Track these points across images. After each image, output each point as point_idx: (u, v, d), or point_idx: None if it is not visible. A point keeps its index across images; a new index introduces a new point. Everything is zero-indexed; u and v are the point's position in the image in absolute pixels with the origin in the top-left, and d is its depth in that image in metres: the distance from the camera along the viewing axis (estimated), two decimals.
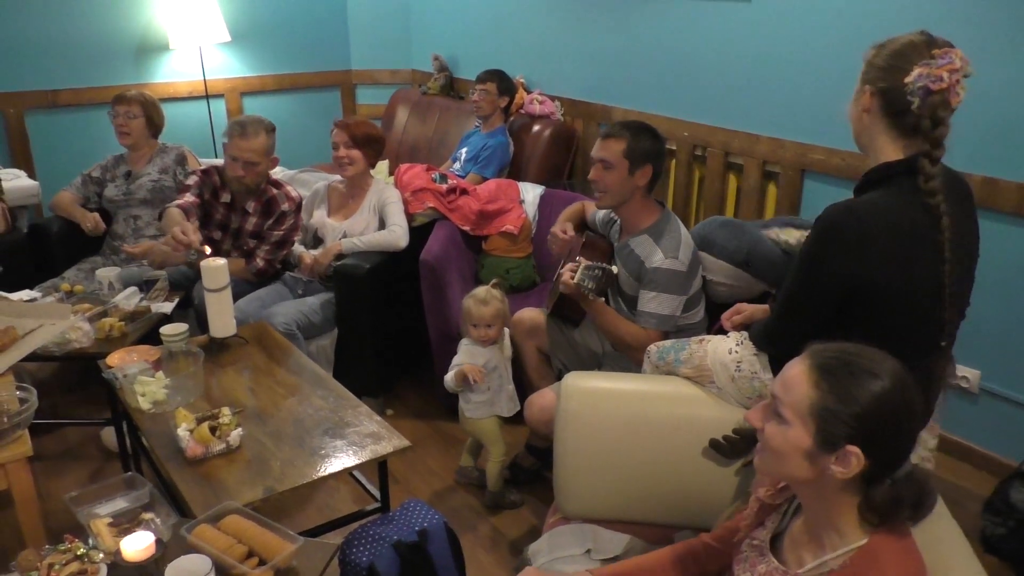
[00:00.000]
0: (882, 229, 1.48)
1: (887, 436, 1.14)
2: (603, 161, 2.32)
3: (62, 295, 2.80)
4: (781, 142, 3.05)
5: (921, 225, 1.49)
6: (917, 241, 1.49)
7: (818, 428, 1.14)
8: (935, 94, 1.44)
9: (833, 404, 1.14)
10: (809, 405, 1.15)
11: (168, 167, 3.45)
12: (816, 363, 1.17)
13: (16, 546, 2.38)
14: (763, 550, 1.31)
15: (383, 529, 1.81)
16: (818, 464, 1.16)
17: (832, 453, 1.14)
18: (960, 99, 1.45)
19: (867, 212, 1.50)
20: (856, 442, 1.12)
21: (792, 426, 1.17)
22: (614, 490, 1.86)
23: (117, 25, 4.45)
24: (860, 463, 1.12)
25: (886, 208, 1.51)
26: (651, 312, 2.31)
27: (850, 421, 1.12)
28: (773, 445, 1.20)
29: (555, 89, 4.10)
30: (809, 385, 1.16)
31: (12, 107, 4.25)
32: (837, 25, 2.77)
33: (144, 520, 1.59)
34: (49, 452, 2.92)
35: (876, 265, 1.49)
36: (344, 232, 3.17)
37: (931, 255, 1.49)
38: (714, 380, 1.85)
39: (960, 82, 1.45)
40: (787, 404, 1.18)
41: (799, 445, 1.16)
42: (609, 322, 2.36)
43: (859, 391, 1.13)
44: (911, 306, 1.52)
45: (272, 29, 4.94)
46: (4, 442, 1.82)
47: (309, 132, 5.07)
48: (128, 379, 2.08)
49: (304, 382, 2.22)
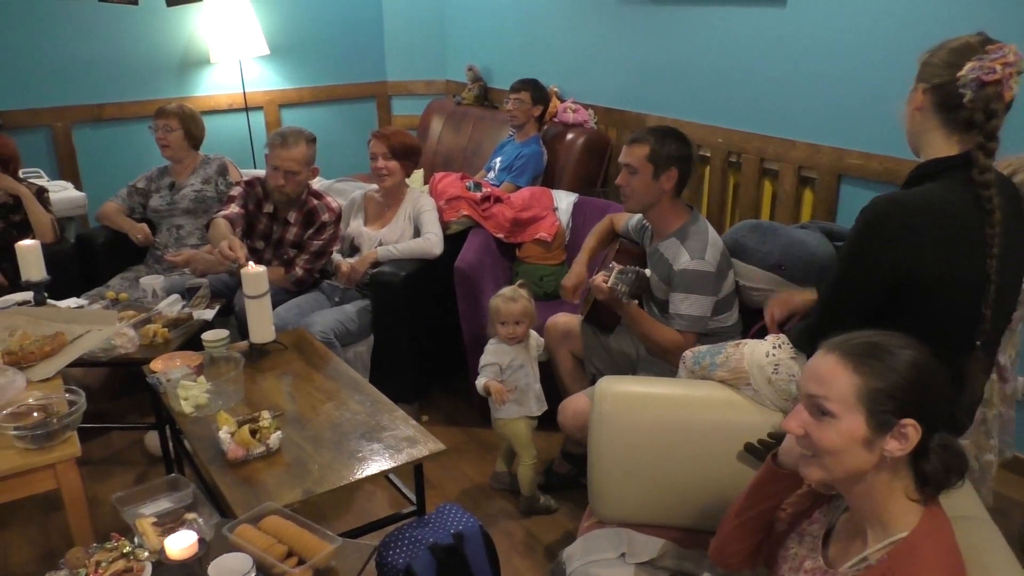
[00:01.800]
0: (928, 219, 1.47)
1: (933, 399, 1.16)
2: (628, 166, 2.36)
3: (108, 303, 2.87)
4: (817, 147, 3.03)
5: (970, 216, 1.47)
6: (965, 232, 1.47)
7: (870, 412, 1.15)
8: (988, 86, 1.43)
9: (879, 383, 1.15)
10: (855, 391, 1.16)
11: (210, 177, 3.53)
12: (846, 351, 1.18)
13: (64, 546, 2.44)
14: (816, 546, 1.31)
15: (419, 532, 1.84)
16: (876, 449, 1.16)
17: (887, 432, 1.15)
18: (1014, 93, 1.44)
19: (913, 203, 1.49)
20: (908, 413, 1.14)
21: (842, 418, 1.16)
22: (649, 494, 1.85)
23: (160, 41, 4.57)
24: (918, 432, 1.14)
25: (935, 199, 1.49)
26: (681, 314, 2.32)
27: (898, 394, 1.14)
28: (826, 445, 1.18)
29: (589, 98, 4.11)
30: (850, 372, 1.17)
31: (60, 121, 4.38)
32: (874, 30, 2.75)
33: (187, 520, 1.63)
34: (95, 456, 2.99)
35: (921, 255, 1.47)
36: (380, 240, 3.21)
37: (978, 248, 1.47)
38: (750, 383, 1.84)
39: (1014, 76, 1.43)
40: (832, 398, 1.17)
41: (855, 435, 1.16)
42: (643, 326, 2.37)
43: (897, 363, 1.15)
44: (952, 298, 1.50)
45: (309, 42, 5.03)
46: (54, 443, 1.88)
47: (345, 143, 5.14)
48: (171, 384, 2.13)
49: (342, 387, 2.25)
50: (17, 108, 4.24)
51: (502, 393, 2.52)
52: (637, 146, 2.34)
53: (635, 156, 2.34)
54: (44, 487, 1.90)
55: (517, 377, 2.56)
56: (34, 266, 2.68)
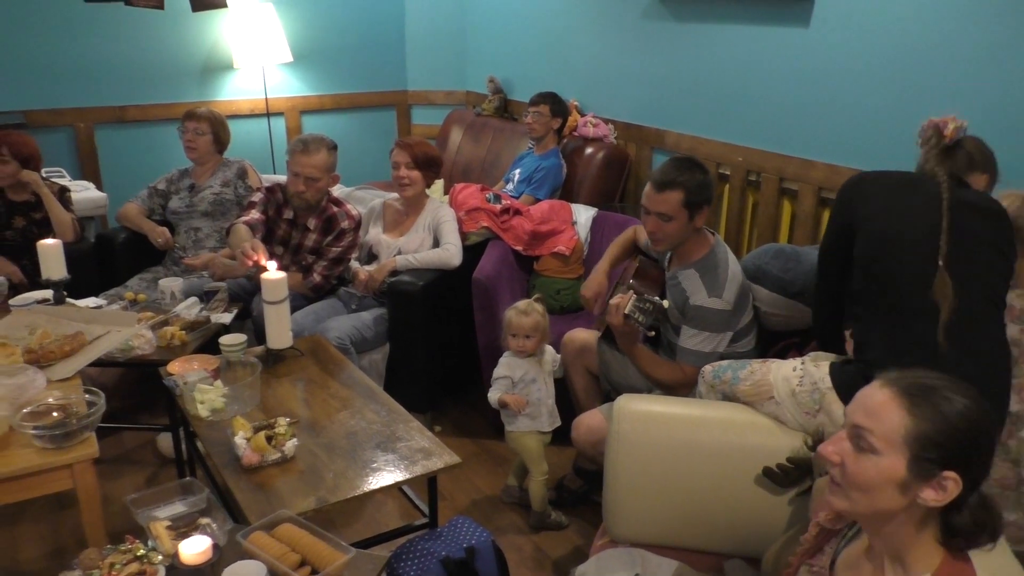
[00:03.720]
0: (881, 183, 1.84)
1: (980, 455, 1.12)
2: (661, 215, 2.25)
3: (126, 303, 2.89)
4: (837, 168, 3.01)
5: (924, 183, 1.77)
6: (916, 192, 1.78)
7: (914, 456, 1.11)
8: (928, 128, 1.84)
9: (930, 430, 1.10)
10: (905, 433, 1.12)
11: (229, 180, 3.55)
12: (902, 388, 1.14)
13: (74, 545, 2.46)
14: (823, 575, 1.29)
15: (431, 544, 1.83)
16: (910, 494, 1.12)
17: (926, 480, 1.11)
18: (950, 132, 1.80)
19: (870, 174, 1.90)
20: (952, 466, 1.09)
21: (884, 456, 1.12)
22: (664, 515, 1.84)
23: (185, 45, 4.61)
24: (958, 487, 1.10)
25: (890, 173, 1.88)
26: (690, 349, 2.30)
27: (947, 444, 1.09)
28: (861, 480, 1.14)
29: (609, 112, 4.12)
30: (903, 412, 1.12)
31: (83, 122, 4.41)
32: (896, 51, 2.74)
33: (201, 524, 1.63)
34: (106, 455, 2.98)
35: (871, 212, 1.80)
36: (399, 249, 3.22)
37: (929, 208, 1.72)
38: (773, 395, 1.84)
39: (949, 124, 1.81)
40: (878, 434, 1.13)
41: (892, 476, 1.12)
42: (645, 365, 2.34)
43: (951, 411, 1.10)
44: (903, 251, 1.75)
45: (332, 50, 5.06)
46: (72, 443, 1.88)
47: (365, 150, 5.17)
48: (188, 387, 2.13)
49: (357, 395, 2.25)
50: (41, 108, 4.27)
51: (520, 403, 2.51)
52: (670, 192, 2.22)
53: (670, 204, 2.23)
54: (60, 487, 1.91)
55: (529, 391, 2.56)
56: (55, 265, 2.70)
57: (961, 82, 2.52)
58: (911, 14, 2.66)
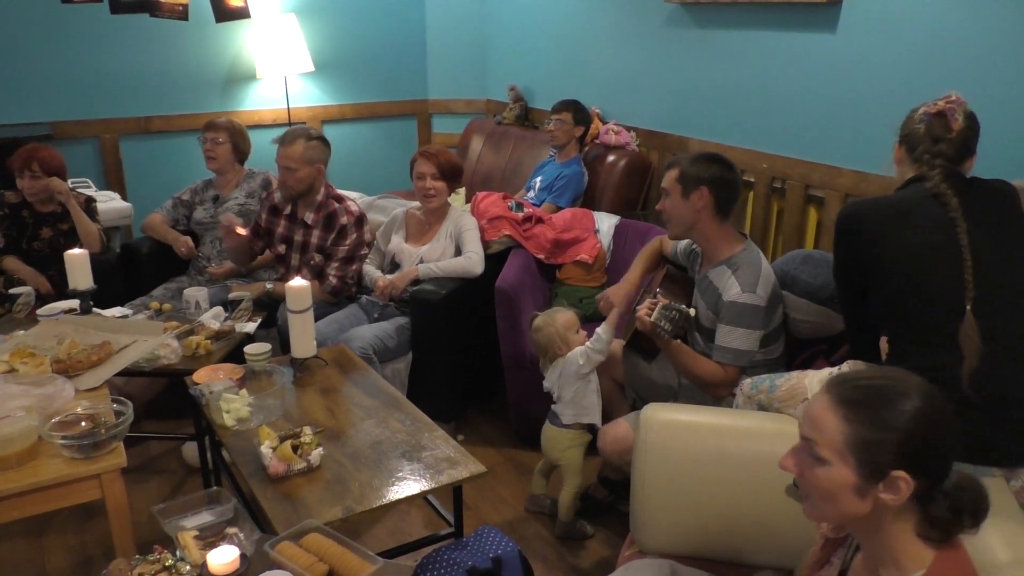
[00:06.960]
0: (871, 212, 1.82)
1: (930, 453, 1.12)
2: (663, 190, 2.40)
3: (151, 313, 2.90)
4: (864, 175, 2.98)
5: (920, 201, 1.76)
6: (913, 212, 1.75)
7: (859, 461, 1.12)
8: (935, 117, 1.80)
9: (869, 434, 1.11)
10: (844, 440, 1.13)
11: (254, 191, 3.58)
12: (840, 396, 1.15)
13: (101, 556, 2.46)
14: None
15: (457, 554, 1.81)
16: (869, 496, 1.13)
17: (879, 482, 1.12)
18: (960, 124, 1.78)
19: (860, 204, 1.88)
20: (901, 466, 1.10)
21: (832, 464, 1.14)
22: (693, 526, 1.82)
23: (208, 56, 4.65)
24: (909, 486, 1.10)
25: (881, 197, 1.89)
26: (727, 347, 2.28)
27: (891, 447, 1.10)
28: (819, 489, 1.17)
29: (631, 120, 4.10)
30: (838, 420, 1.14)
31: (108, 133, 4.46)
32: (923, 57, 2.71)
33: (228, 534, 1.63)
34: (132, 464, 2.99)
35: (871, 243, 1.79)
36: (421, 258, 3.22)
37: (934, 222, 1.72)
38: (807, 397, 1.86)
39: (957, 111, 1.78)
40: (822, 444, 1.15)
41: (845, 482, 1.14)
42: (685, 361, 2.33)
43: (893, 415, 1.11)
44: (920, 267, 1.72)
45: (353, 60, 5.09)
46: (100, 453, 1.89)
47: (387, 159, 5.19)
48: (214, 396, 2.14)
49: (382, 405, 2.25)
50: (67, 119, 4.33)
51: None
52: (670, 169, 2.39)
53: (667, 179, 2.38)
54: (89, 497, 1.91)
55: (562, 390, 2.56)
56: (81, 275, 2.72)
57: (993, 88, 2.48)
58: (940, 19, 2.63)
